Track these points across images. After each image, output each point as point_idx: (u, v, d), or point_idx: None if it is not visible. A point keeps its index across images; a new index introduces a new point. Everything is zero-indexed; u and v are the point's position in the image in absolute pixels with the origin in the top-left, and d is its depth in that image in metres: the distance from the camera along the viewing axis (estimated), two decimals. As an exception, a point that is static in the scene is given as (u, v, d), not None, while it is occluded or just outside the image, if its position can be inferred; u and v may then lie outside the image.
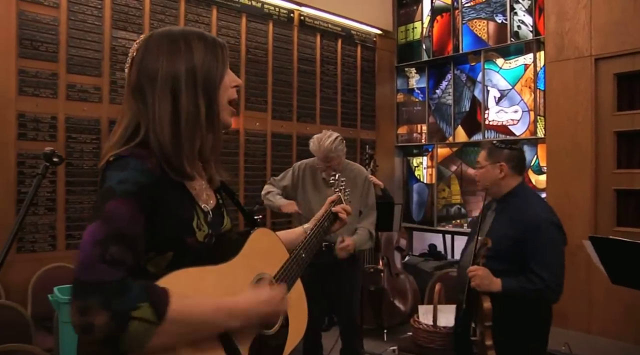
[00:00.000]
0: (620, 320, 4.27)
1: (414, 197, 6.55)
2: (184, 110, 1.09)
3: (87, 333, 0.86)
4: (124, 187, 0.98)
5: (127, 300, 0.88)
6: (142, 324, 0.88)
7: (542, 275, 2.20)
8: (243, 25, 4.85)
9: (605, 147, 4.50)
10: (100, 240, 0.91)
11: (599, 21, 4.49)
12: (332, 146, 3.06)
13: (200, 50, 1.13)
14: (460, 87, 6.07)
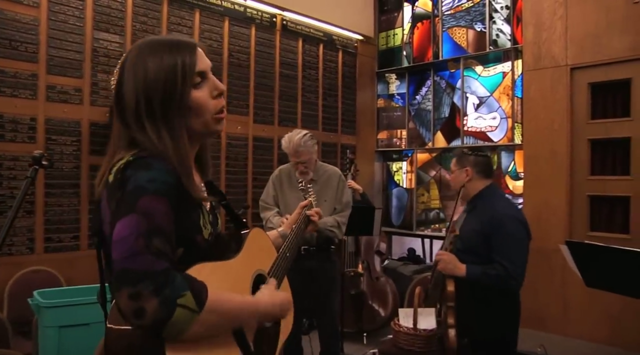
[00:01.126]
0: (595, 323, 4.38)
1: (393, 201, 6.62)
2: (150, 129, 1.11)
3: (139, 318, 0.90)
4: (155, 186, 1.02)
5: (174, 288, 0.93)
6: (185, 312, 0.93)
7: (503, 264, 2.37)
8: (226, 28, 4.85)
9: (579, 154, 4.62)
10: (142, 233, 0.95)
11: (574, 32, 4.61)
12: (301, 141, 3.19)
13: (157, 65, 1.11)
14: (439, 93, 6.16)
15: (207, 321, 0.97)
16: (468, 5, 5.84)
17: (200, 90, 1.15)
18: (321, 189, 3.27)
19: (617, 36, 4.38)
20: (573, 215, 4.63)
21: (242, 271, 1.23)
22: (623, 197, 4.40)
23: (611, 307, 4.15)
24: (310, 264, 3.09)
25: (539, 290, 4.70)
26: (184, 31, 4.51)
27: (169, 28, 4.41)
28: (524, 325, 4.67)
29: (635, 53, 4.29)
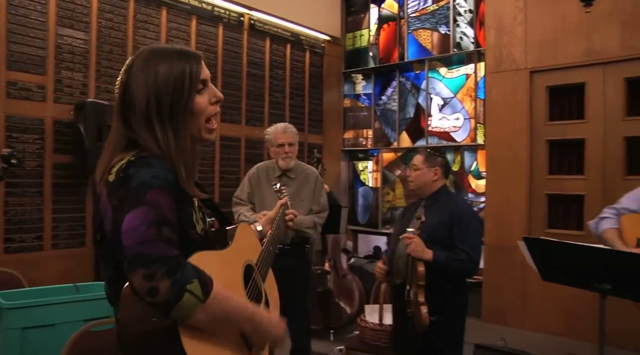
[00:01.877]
0: (552, 316, 4.56)
1: (359, 200, 6.70)
2: (159, 133, 1.19)
3: (152, 296, 0.98)
4: (159, 182, 1.10)
5: (184, 274, 1.01)
6: (192, 298, 1.01)
7: (465, 250, 2.56)
8: (193, 27, 4.84)
9: (538, 154, 4.80)
10: (152, 222, 1.04)
11: (533, 37, 4.78)
12: (291, 126, 3.38)
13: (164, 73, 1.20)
14: (405, 94, 6.28)
15: (210, 311, 1.05)
16: (433, 8, 5.97)
17: (202, 96, 1.25)
18: (298, 187, 3.32)
19: (572, 42, 4.56)
20: (532, 213, 4.81)
21: (234, 261, 1.32)
22: (578, 196, 4.59)
23: (566, 300, 4.32)
24: (285, 263, 3.10)
25: (501, 286, 4.86)
26: (150, 29, 4.48)
27: (135, 26, 4.37)
28: (486, 319, 4.87)
29: (588, 58, 4.48)
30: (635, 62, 4.30)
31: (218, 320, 1.10)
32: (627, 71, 4.36)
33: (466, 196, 5.69)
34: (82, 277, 3.80)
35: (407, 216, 2.86)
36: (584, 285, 2.09)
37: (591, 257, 2.02)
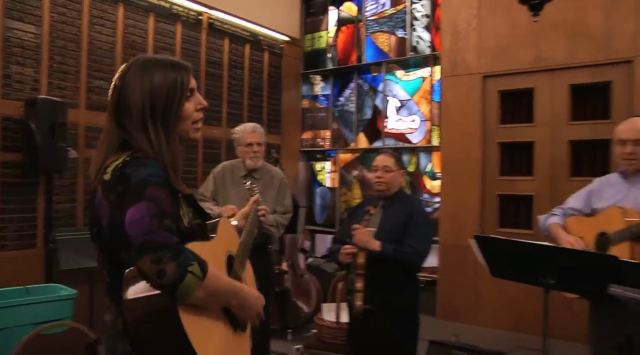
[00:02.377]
0: (502, 311, 4.73)
1: (317, 200, 6.75)
2: (153, 136, 1.32)
3: (161, 278, 1.12)
4: (156, 179, 1.24)
5: (186, 257, 1.15)
6: (193, 278, 1.15)
7: (413, 245, 2.66)
8: (151, 25, 4.76)
9: (490, 156, 4.97)
10: (154, 214, 1.17)
11: (486, 43, 4.95)
12: (259, 126, 3.44)
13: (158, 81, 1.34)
14: (362, 95, 6.37)
15: (207, 289, 1.19)
16: (391, 12, 6.09)
17: (189, 102, 1.40)
18: (263, 188, 3.33)
19: (522, 49, 4.75)
20: (484, 213, 4.97)
21: (218, 251, 1.44)
22: (527, 196, 4.79)
23: (515, 296, 4.50)
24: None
25: (454, 284, 5.00)
26: (106, 25, 4.39)
27: (90, 21, 4.27)
28: (440, 316, 5.00)
29: (537, 65, 4.68)
30: (578, 70, 4.53)
31: (212, 297, 1.24)
32: (571, 78, 4.58)
33: (421, 197, 5.83)
34: (33, 280, 3.70)
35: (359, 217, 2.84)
36: (529, 280, 2.19)
37: (535, 253, 2.12)
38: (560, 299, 2.58)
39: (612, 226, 2.31)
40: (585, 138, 4.54)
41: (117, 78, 1.36)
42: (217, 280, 1.25)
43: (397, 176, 2.85)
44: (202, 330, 1.24)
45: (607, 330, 2.39)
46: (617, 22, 4.34)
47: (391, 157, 2.86)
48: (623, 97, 4.34)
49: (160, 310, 1.17)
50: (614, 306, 2.23)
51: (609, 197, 2.47)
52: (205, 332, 1.26)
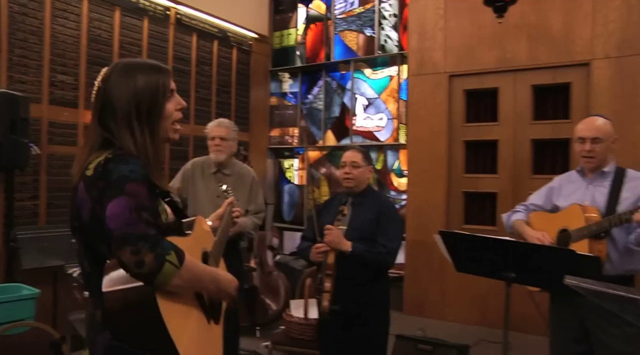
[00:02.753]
0: (467, 306, 4.84)
1: (285, 197, 6.76)
2: (138, 135, 1.40)
3: (140, 268, 1.19)
4: (136, 175, 1.30)
5: (163, 247, 1.22)
6: (171, 266, 1.22)
7: (385, 244, 2.67)
8: (116, 19, 4.67)
9: (456, 154, 5.07)
10: (133, 208, 1.24)
11: (452, 43, 5.04)
12: (226, 121, 3.44)
13: (142, 84, 1.42)
14: (330, 93, 6.40)
15: (184, 277, 1.26)
16: (359, 10, 6.13)
17: (170, 102, 1.48)
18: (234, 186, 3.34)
19: (487, 49, 4.86)
20: (450, 210, 5.07)
21: (194, 247, 1.50)
22: (491, 193, 4.91)
23: (479, 291, 4.62)
24: None
25: (420, 280, 5.09)
26: (70, 18, 4.29)
27: (53, 14, 4.16)
28: (407, 312, 5.08)
29: (501, 65, 4.80)
30: (540, 71, 4.67)
31: (189, 284, 1.32)
32: (533, 79, 4.72)
33: (388, 194, 5.90)
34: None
35: (331, 214, 2.83)
36: (492, 274, 2.26)
37: (497, 248, 2.19)
38: (522, 293, 2.67)
39: (572, 223, 2.40)
40: (547, 137, 4.69)
41: (101, 81, 1.43)
42: (194, 267, 1.32)
43: (366, 172, 2.84)
44: (179, 319, 1.31)
45: (566, 322, 2.48)
46: (575, 26, 4.49)
47: (359, 153, 2.84)
48: (581, 98, 4.50)
49: (140, 300, 1.24)
50: (573, 299, 2.32)
51: (568, 194, 2.56)
52: (182, 321, 1.33)
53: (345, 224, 2.68)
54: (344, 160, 2.83)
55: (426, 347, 3.33)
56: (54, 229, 4.00)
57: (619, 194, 2.38)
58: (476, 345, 4.07)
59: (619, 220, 2.22)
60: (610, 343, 2.30)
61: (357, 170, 2.79)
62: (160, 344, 1.25)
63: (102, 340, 1.32)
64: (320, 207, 3.05)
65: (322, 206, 3.10)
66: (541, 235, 2.48)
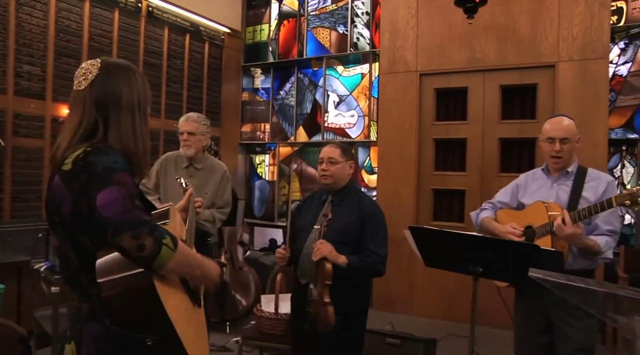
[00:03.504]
0: (435, 301, 4.93)
1: (255, 193, 6.75)
2: (138, 128, 1.49)
3: (141, 251, 1.24)
4: (119, 165, 1.35)
5: (160, 232, 1.28)
6: (168, 250, 1.28)
7: (377, 252, 2.58)
8: (86, 10, 4.58)
9: (426, 152, 5.15)
10: (126, 196, 1.29)
11: (423, 42, 5.11)
12: (196, 115, 3.41)
13: (141, 84, 1.53)
14: (302, 89, 6.41)
15: (178, 261, 1.32)
16: (332, 8, 6.16)
17: None
18: (204, 179, 3.34)
19: (457, 49, 4.95)
20: (419, 207, 5.15)
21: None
22: (460, 191, 5.00)
23: (447, 286, 4.71)
24: None
25: (390, 276, 5.11)
26: (37, 7, 4.18)
27: (18, 2, 4.05)
28: (376, 307, 5.15)
29: (471, 65, 4.89)
30: (508, 71, 4.78)
31: (182, 267, 1.39)
32: (502, 79, 4.83)
33: (359, 190, 5.95)
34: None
35: (311, 211, 2.75)
36: (460, 269, 2.32)
37: (465, 243, 2.25)
38: (489, 289, 2.75)
39: (537, 220, 2.47)
40: (514, 136, 4.80)
41: (96, 73, 1.46)
42: (186, 252, 1.39)
43: (345, 168, 2.71)
44: (174, 302, 1.38)
45: (530, 315, 2.56)
46: (542, 29, 4.61)
47: (337, 148, 2.72)
48: (547, 99, 4.62)
49: (139, 286, 1.29)
50: (537, 293, 2.40)
51: (533, 191, 2.64)
52: (176, 303, 1.41)
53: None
54: (321, 157, 2.72)
55: (394, 341, 3.38)
56: (19, 223, 3.92)
57: (581, 193, 2.47)
58: (444, 340, 4.16)
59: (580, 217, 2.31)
60: (571, 334, 2.39)
61: (335, 167, 2.68)
62: (160, 326, 1.31)
63: (91, 330, 1.36)
64: (301, 204, 2.97)
65: (301, 204, 2.98)
66: (511, 228, 2.54)
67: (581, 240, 2.30)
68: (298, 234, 2.73)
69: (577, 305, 1.42)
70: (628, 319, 1.20)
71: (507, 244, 2.32)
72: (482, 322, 4.09)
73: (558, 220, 2.28)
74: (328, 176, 2.68)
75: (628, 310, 1.20)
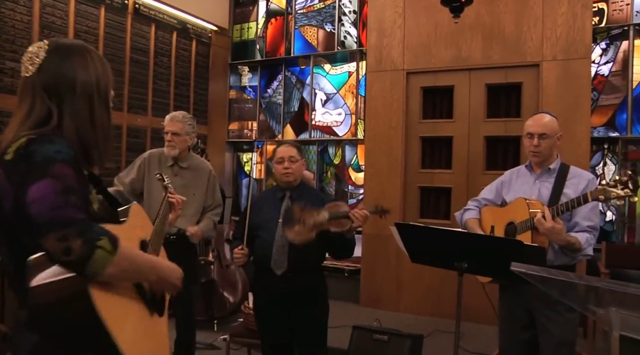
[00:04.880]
0: (422, 298, 4.97)
1: (243, 191, 6.75)
2: (97, 114, 1.36)
3: (68, 255, 1.08)
4: (62, 156, 1.20)
5: (94, 232, 1.12)
6: (104, 253, 1.11)
7: None
8: (72, 6, 4.55)
9: (412, 149, 5.19)
10: (59, 192, 1.14)
11: (410, 41, 5.15)
12: (180, 115, 3.35)
13: (100, 66, 1.39)
14: (290, 88, 6.42)
15: (120, 265, 1.15)
16: (319, 6, 6.18)
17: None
18: (191, 179, 3.32)
19: (443, 48, 4.99)
20: (406, 204, 5.19)
21: (130, 235, 1.41)
22: (446, 188, 5.05)
23: (434, 283, 4.76)
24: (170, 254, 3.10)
25: (377, 273, 5.19)
26: (20, 2, 4.14)
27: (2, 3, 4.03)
28: (364, 304, 5.18)
29: (457, 64, 4.94)
30: (493, 70, 4.83)
31: (127, 273, 1.22)
32: (487, 78, 4.88)
33: (346, 188, 5.99)
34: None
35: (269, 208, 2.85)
36: (445, 265, 2.35)
37: (450, 239, 2.29)
38: (474, 286, 2.79)
39: (519, 216, 2.52)
40: (499, 134, 4.86)
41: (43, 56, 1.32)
42: (131, 255, 1.23)
43: (303, 165, 2.88)
44: (119, 312, 1.22)
45: (514, 311, 2.61)
46: (526, 29, 4.67)
47: (294, 148, 2.86)
48: (531, 97, 4.68)
49: (71, 293, 1.12)
50: (520, 288, 2.45)
51: (516, 188, 2.69)
52: (122, 314, 1.24)
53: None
54: (281, 156, 2.81)
55: (381, 337, 3.41)
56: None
57: (562, 190, 2.52)
58: (430, 335, 4.20)
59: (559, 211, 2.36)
60: (552, 329, 2.44)
61: (295, 165, 2.80)
62: (97, 340, 1.14)
63: (27, 342, 1.20)
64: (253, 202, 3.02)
65: (254, 201, 3.05)
66: None
67: (562, 236, 2.34)
68: (258, 231, 2.80)
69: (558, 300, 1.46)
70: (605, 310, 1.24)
71: (491, 239, 2.36)
72: (469, 318, 4.16)
73: (538, 215, 2.33)
74: (290, 174, 2.80)
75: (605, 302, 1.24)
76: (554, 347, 2.44)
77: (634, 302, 1.21)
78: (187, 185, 3.29)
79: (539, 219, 2.32)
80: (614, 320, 1.21)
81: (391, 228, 2.61)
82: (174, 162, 3.34)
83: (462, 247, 2.26)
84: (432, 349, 3.82)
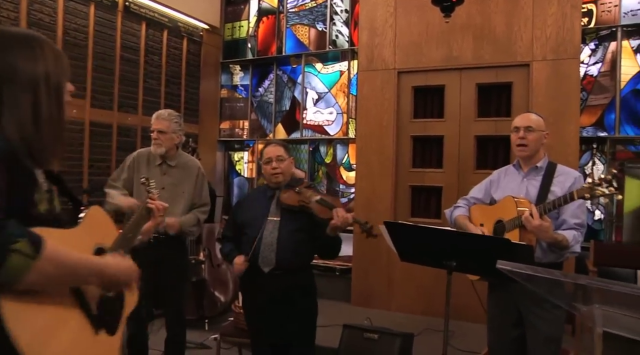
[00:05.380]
0: (413, 296, 4.99)
1: (234, 190, 6.75)
2: (44, 109, 1.24)
3: None
4: None
5: (6, 234, 0.97)
6: (21, 257, 0.98)
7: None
8: (60, 3, 4.51)
9: (403, 149, 5.20)
10: None
11: (402, 40, 5.16)
12: (166, 113, 3.32)
13: (51, 58, 1.28)
14: (281, 87, 6.42)
15: (45, 270, 1.02)
16: (311, 5, 6.18)
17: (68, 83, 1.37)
18: (179, 178, 3.31)
19: (434, 47, 5.01)
20: (397, 203, 5.20)
21: (82, 242, 1.27)
22: (437, 187, 5.07)
23: (424, 282, 4.77)
24: (160, 253, 3.09)
25: (368, 272, 5.20)
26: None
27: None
28: (355, 303, 5.19)
29: (448, 63, 4.96)
30: (484, 70, 4.85)
31: (54, 279, 1.07)
32: (478, 77, 4.90)
33: (338, 187, 5.99)
34: None
35: (258, 206, 2.85)
36: (434, 263, 2.37)
37: (438, 238, 2.30)
38: (464, 285, 2.80)
39: (507, 214, 2.54)
40: (489, 134, 4.88)
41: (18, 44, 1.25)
42: (61, 258, 1.08)
43: (291, 164, 2.86)
44: (40, 328, 1.06)
45: (502, 309, 2.62)
46: (517, 29, 4.70)
47: (281, 147, 2.85)
48: (522, 97, 4.71)
49: None
50: (508, 286, 2.46)
51: (504, 186, 2.71)
52: (45, 330, 1.07)
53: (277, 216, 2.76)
54: (269, 156, 2.79)
55: (372, 336, 3.41)
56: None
57: (549, 188, 2.54)
58: (421, 334, 4.21)
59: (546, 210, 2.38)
60: (539, 326, 2.46)
61: (284, 164, 2.79)
62: None
63: None
64: (241, 201, 3.02)
65: (241, 202, 3.09)
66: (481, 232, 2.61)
67: (549, 234, 2.36)
68: (246, 228, 2.82)
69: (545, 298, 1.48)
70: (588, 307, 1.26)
71: (479, 238, 2.37)
72: (459, 316, 4.18)
73: (526, 213, 2.35)
74: (279, 174, 2.79)
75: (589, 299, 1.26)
76: (541, 344, 2.46)
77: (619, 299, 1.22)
78: (176, 184, 3.28)
79: (527, 216, 2.34)
80: (597, 317, 1.23)
81: (380, 227, 2.62)
82: (162, 160, 3.32)
83: (451, 246, 2.27)
84: (422, 347, 3.83)
